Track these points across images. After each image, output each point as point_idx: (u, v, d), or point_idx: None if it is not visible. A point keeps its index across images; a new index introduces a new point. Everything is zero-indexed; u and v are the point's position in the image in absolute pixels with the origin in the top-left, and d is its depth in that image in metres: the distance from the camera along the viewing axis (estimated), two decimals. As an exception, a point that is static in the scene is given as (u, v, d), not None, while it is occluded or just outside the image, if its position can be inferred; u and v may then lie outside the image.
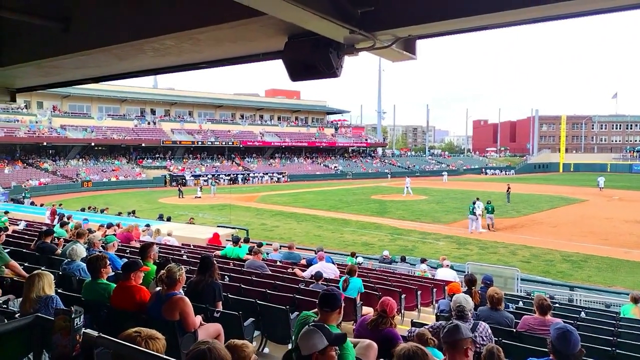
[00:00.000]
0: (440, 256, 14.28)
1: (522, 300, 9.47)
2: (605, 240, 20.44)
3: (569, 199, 36.56)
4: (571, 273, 15.54)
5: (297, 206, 33.15)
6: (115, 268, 6.46)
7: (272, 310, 5.49)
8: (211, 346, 2.03)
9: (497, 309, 5.48)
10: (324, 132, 77.15)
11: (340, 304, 3.45)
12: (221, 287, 5.21)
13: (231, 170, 59.27)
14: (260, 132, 68.69)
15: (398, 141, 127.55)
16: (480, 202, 23.56)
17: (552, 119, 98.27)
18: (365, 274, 10.21)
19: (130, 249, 9.97)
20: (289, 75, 4.03)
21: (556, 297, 11.67)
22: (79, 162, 51.74)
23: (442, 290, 9.93)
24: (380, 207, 32.60)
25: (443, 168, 73.19)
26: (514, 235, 21.78)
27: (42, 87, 7.33)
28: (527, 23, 3.60)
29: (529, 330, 5.22)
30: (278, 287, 7.19)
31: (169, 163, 57.43)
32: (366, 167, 71.11)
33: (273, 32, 3.79)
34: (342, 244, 19.80)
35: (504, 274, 13.09)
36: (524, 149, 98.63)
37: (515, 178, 63.95)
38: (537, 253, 18.26)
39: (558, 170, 79.74)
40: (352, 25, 3.42)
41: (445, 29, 3.61)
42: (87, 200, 33.71)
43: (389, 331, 4.01)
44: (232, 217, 25.78)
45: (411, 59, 4.17)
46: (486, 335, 4.23)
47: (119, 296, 4.58)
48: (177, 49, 4.44)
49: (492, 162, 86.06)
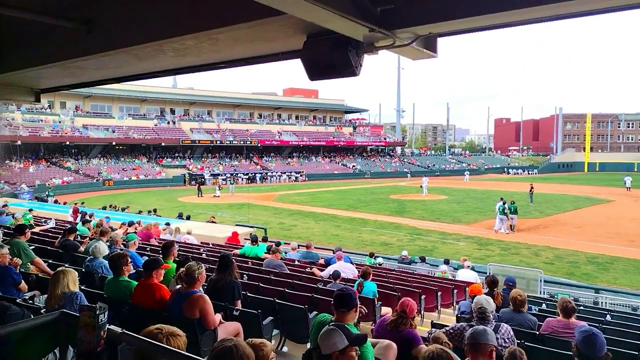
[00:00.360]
0: (461, 257, 14.10)
1: (545, 302, 9.30)
2: (633, 242, 19.91)
3: (594, 199, 35.73)
4: (596, 275, 15.18)
5: (315, 205, 33.17)
6: (136, 266, 6.55)
7: (291, 310, 5.49)
8: (236, 343, 2.04)
9: (520, 311, 5.38)
10: (342, 131, 77.04)
11: (356, 303, 3.43)
12: (240, 286, 5.24)
13: (249, 169, 59.67)
14: (278, 131, 68.96)
15: (417, 140, 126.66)
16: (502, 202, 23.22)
17: (576, 117, 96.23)
18: (384, 275, 10.16)
19: (150, 247, 10.12)
20: (308, 74, 4.02)
21: (581, 299, 11.42)
22: (101, 161, 52.79)
23: (463, 291, 9.80)
24: (399, 206, 32.39)
25: (463, 167, 72.28)
26: (537, 236, 21.38)
27: (65, 87, 7.49)
28: (552, 20, 3.53)
29: (552, 333, 5.11)
30: (296, 286, 7.20)
31: (188, 162, 58.13)
32: (385, 167, 70.75)
33: (292, 31, 3.78)
34: (361, 244, 19.73)
35: (527, 276, 12.86)
36: (547, 148, 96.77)
37: (538, 178, 62.80)
38: (561, 254, 17.90)
39: (583, 170, 78.02)
40: (372, 24, 3.39)
41: (467, 26, 3.55)
42: (109, 198, 34.34)
43: (409, 332, 3.97)
44: (250, 216, 25.94)
45: (432, 57, 4.12)
46: (508, 338, 4.16)
47: (140, 294, 4.64)
48: (197, 49, 4.48)
49: (515, 162, 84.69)
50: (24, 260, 6.36)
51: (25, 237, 7.00)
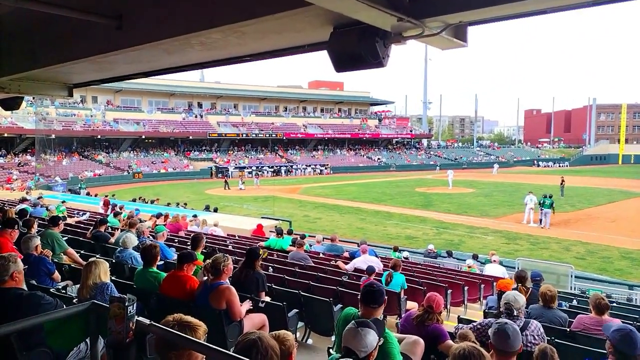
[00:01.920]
0: (489, 251, 13.85)
1: (576, 298, 9.05)
2: (669, 237, 19.19)
3: (629, 192, 34.54)
4: (630, 271, 14.70)
5: (340, 198, 33.14)
6: (165, 257, 6.67)
7: (316, 302, 5.50)
8: (260, 336, 2.07)
9: (550, 307, 5.25)
10: (367, 124, 76.55)
11: (385, 299, 3.40)
12: (265, 278, 5.28)
13: (274, 162, 60.01)
14: (303, 124, 69.03)
15: (444, 132, 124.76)
16: (532, 195, 22.62)
17: (611, 108, 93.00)
18: (410, 269, 10.08)
19: (178, 239, 10.31)
20: (334, 65, 3.97)
21: (613, 296, 11.09)
22: (131, 154, 53.99)
23: (491, 286, 9.64)
24: (425, 200, 32.05)
25: (492, 160, 70.90)
26: (567, 231, 20.83)
27: (96, 82, 7.67)
28: (587, 6, 3.37)
29: (584, 330, 4.96)
30: (321, 279, 7.21)
31: (215, 155, 58.87)
32: (410, 159, 70.03)
33: (319, 22, 3.75)
34: (386, 237, 19.62)
35: (557, 271, 12.55)
36: (579, 140, 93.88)
37: (569, 170, 61.02)
38: (593, 249, 17.39)
39: (617, 162, 75.48)
40: (401, 13, 3.31)
41: (499, 13, 3.44)
42: (138, 191, 35.13)
43: (436, 327, 3.92)
44: (275, 209, 26.12)
45: (461, 46, 4.01)
46: (538, 334, 4.05)
47: (169, 284, 4.72)
48: (223, 42, 4.50)
49: (545, 154, 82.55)
50: (57, 251, 6.56)
51: (59, 228, 7.22)
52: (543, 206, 21.64)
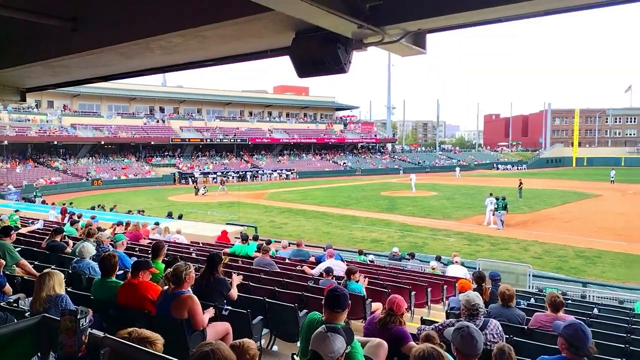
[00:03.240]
0: (452, 253, 14.18)
1: (534, 297, 9.37)
2: (620, 236, 20.16)
3: (582, 193, 36.13)
4: (584, 269, 15.35)
5: (306, 203, 33.14)
6: (124, 266, 6.48)
7: (281, 308, 5.47)
8: (215, 347, 2.01)
9: (509, 306, 5.41)
10: (332, 128, 77.00)
11: (349, 303, 3.41)
12: (226, 282, 5.21)
13: (240, 167, 59.43)
14: (269, 129, 68.75)
15: (408, 137, 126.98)
16: (492, 197, 23.34)
17: (565, 113, 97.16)
18: (375, 272, 10.17)
19: (139, 247, 10.03)
20: (297, 71, 3.99)
21: (569, 293, 11.54)
22: (89, 161, 52.24)
23: (453, 287, 9.85)
24: (390, 203, 32.48)
25: (454, 163, 72.64)
26: (525, 231, 21.57)
27: (51, 86, 7.39)
28: (540, 15, 3.52)
29: (541, 327, 5.15)
30: (287, 284, 7.18)
31: (178, 161, 57.75)
32: (375, 163, 70.86)
33: (280, 28, 3.75)
34: (352, 241, 19.75)
35: (516, 271, 12.96)
36: (536, 144, 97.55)
37: (527, 173, 63.35)
38: (549, 249, 18.07)
39: (571, 165, 78.80)
40: (361, 20, 3.36)
41: (457, 22, 3.55)
42: (98, 198, 34.01)
43: (398, 329, 3.97)
44: (240, 215, 25.86)
45: (421, 53, 4.10)
46: (497, 333, 4.17)
47: (126, 294, 4.59)
48: (184, 46, 4.43)
49: (504, 157, 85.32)
50: (9, 263, 6.26)
51: (11, 238, 6.88)
52: (497, 208, 22.50)
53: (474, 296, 4.37)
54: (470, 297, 4.34)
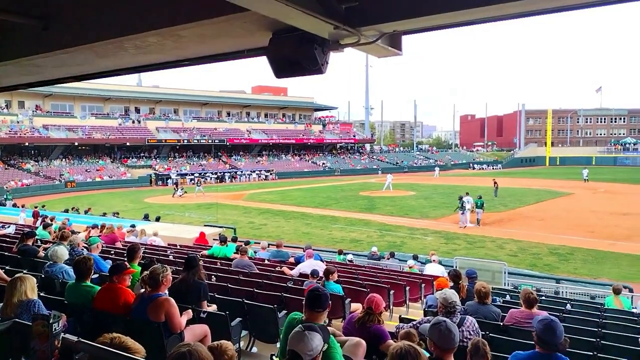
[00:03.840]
0: (429, 251, 14.35)
1: (510, 294, 9.55)
2: (591, 233, 20.75)
3: (555, 192, 37.04)
4: (558, 266, 15.74)
5: (285, 204, 33.08)
6: (99, 270, 6.36)
7: (260, 310, 5.45)
8: (192, 349, 2.00)
9: (484, 303, 5.52)
10: (311, 129, 77.06)
11: (330, 303, 3.43)
12: (206, 287, 5.16)
13: (218, 168, 58.93)
14: (247, 130, 68.37)
15: (386, 137, 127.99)
16: (469, 196, 23.75)
17: (538, 113, 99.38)
18: (354, 271, 10.22)
19: (115, 250, 9.85)
20: (274, 71, 3.98)
21: (543, 290, 11.80)
22: (62, 163, 51.00)
23: (431, 285, 9.97)
24: (369, 203, 32.68)
25: (431, 163, 73.57)
26: (501, 229, 21.99)
27: (23, 86, 7.17)
28: (513, 17, 3.59)
29: (515, 323, 5.26)
30: (266, 286, 7.15)
31: (155, 162, 56.89)
32: (354, 164, 71.20)
33: (257, 28, 3.73)
34: (331, 241, 19.80)
35: (492, 268, 13.20)
36: (510, 143, 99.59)
37: (502, 172, 64.59)
38: (524, 246, 18.46)
39: (544, 164, 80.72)
40: (337, 21, 3.38)
41: (431, 23, 3.59)
42: (71, 201, 33.25)
43: (377, 328, 4.01)
44: (219, 216, 25.63)
45: (397, 54, 4.15)
46: (473, 330, 4.25)
47: (103, 298, 4.51)
48: (160, 46, 4.37)
49: (480, 157, 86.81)
50: (-21, 267, 6.07)
51: (-20, 242, 6.68)
52: (477, 207, 23.18)
53: (451, 294, 4.44)
54: (447, 295, 4.41)
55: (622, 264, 15.78)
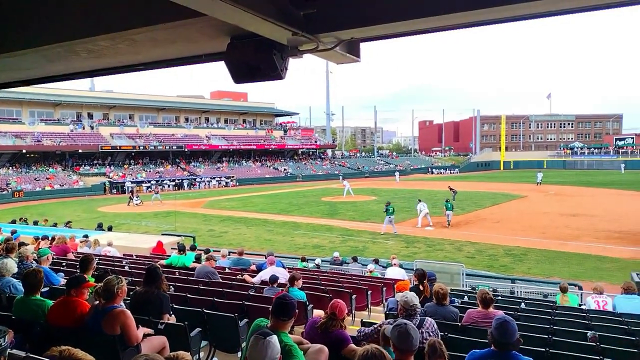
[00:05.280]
0: (391, 255, 14.55)
1: (467, 294, 9.79)
2: (543, 234, 21.64)
3: (509, 195, 38.45)
4: (513, 266, 16.29)
5: (247, 210, 32.74)
6: (50, 283, 6.07)
7: (220, 319, 5.35)
8: (149, 359, 1.94)
9: (443, 304, 5.64)
10: (272, 135, 76.80)
11: (296, 311, 3.43)
12: (169, 299, 5.03)
13: (176, 175, 57.64)
14: (207, 136, 67.32)
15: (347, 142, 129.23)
16: (423, 203, 24.44)
17: (492, 119, 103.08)
18: (316, 277, 10.22)
19: (67, 262, 9.44)
20: (232, 77, 3.95)
21: (499, 290, 12.18)
22: (9, 171, 48.48)
23: (392, 288, 10.10)
24: (331, 208, 32.83)
25: (391, 169, 74.87)
26: (459, 232, 22.59)
27: (-37, 90, 6.80)
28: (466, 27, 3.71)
29: (473, 323, 5.40)
30: (226, 294, 7.03)
31: (109, 169, 55.00)
32: (316, 169, 71.43)
33: (214, 33, 3.69)
34: (293, 248, 19.74)
35: (451, 270, 13.52)
36: (467, 148, 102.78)
37: (459, 176, 66.59)
38: (481, 248, 19.03)
39: (499, 168, 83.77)
40: (295, 28, 3.39)
41: (388, 31, 3.66)
42: (19, 211, 31.63)
43: (339, 333, 4.02)
44: (177, 225, 25.04)
45: (355, 61, 4.20)
46: (432, 331, 4.33)
47: (58, 312, 4.31)
48: (113, 50, 4.24)
49: (438, 162, 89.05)
50: None
51: None
52: (447, 209, 24.53)
53: (411, 296, 4.51)
54: (408, 298, 4.48)
55: (572, 263, 16.53)
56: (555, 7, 3.21)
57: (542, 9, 3.25)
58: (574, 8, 3.31)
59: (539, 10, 3.31)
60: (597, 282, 10.19)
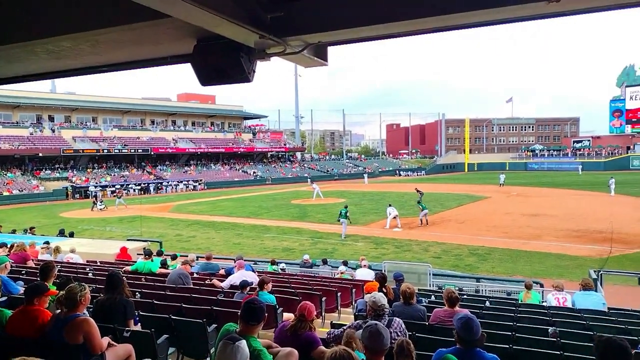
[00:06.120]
0: (360, 257, 14.66)
1: (434, 294, 9.98)
2: (506, 233, 22.28)
3: (474, 196, 39.40)
4: (477, 265, 16.70)
5: (215, 214, 32.32)
6: (9, 292, 5.84)
7: (188, 325, 5.27)
8: None
9: (410, 303, 5.74)
10: (241, 138, 76.16)
11: (265, 315, 3.42)
12: (133, 305, 4.91)
13: (142, 179, 56.31)
14: (173, 139, 66.13)
15: (316, 145, 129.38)
16: (392, 207, 24.97)
17: (457, 122, 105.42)
18: (286, 280, 10.20)
19: (27, 270, 9.08)
20: (199, 79, 3.92)
21: (464, 289, 12.46)
22: (-36, 176, 46.28)
23: (361, 290, 10.18)
24: (301, 211, 32.80)
25: (360, 171, 75.46)
26: (426, 233, 22.98)
27: None
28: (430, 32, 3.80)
29: (440, 322, 5.52)
30: (194, 299, 6.92)
31: (71, 174, 53.18)
32: (285, 172, 71.25)
33: (180, 35, 3.65)
34: (263, 251, 19.62)
35: (418, 270, 13.74)
36: (433, 151, 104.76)
37: (426, 178, 67.82)
38: (447, 248, 19.42)
39: (464, 170, 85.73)
40: (263, 31, 3.39)
41: (354, 36, 3.71)
42: (-25, 217, 30.16)
43: (308, 335, 4.03)
44: (143, 230, 24.48)
45: (322, 64, 4.24)
46: (400, 331, 4.40)
47: (18, 322, 4.15)
48: (75, 51, 4.14)
49: (405, 164, 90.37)
50: None
51: None
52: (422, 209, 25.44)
53: (380, 297, 4.57)
54: (376, 298, 4.53)
55: (534, 261, 17.07)
56: (491, 18, 3.33)
57: (486, 18, 3.34)
58: (507, 18, 3.42)
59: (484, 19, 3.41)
60: (557, 280, 10.56)
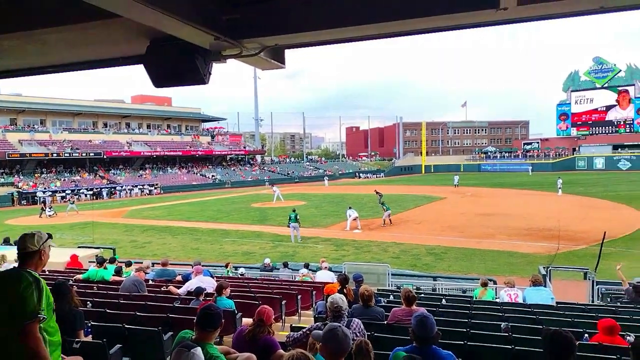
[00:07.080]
0: (320, 259, 14.69)
1: (393, 294, 10.15)
2: (461, 233, 22.96)
3: (430, 197, 40.38)
4: (434, 265, 17.11)
5: (172, 219, 31.57)
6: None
7: (143, 333, 5.11)
8: None
9: (369, 306, 5.81)
10: (199, 140, 74.79)
11: (222, 322, 3.36)
12: (82, 314, 4.71)
13: (94, 184, 54.26)
14: (127, 142, 64.10)
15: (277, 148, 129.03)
16: (353, 210, 25.20)
17: (414, 125, 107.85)
18: (245, 285, 10.09)
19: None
20: (152, 81, 3.82)
21: (422, 287, 12.74)
22: None
23: (321, 292, 10.21)
24: (261, 215, 32.55)
25: (320, 174, 75.73)
26: (385, 234, 23.34)
27: None
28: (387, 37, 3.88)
29: (398, 321, 5.61)
30: (149, 307, 6.73)
31: (17, 179, 50.55)
32: (245, 175, 70.53)
33: (132, 35, 3.55)
34: (222, 256, 19.31)
35: (377, 271, 13.93)
36: (391, 153, 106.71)
37: (385, 180, 68.91)
38: (405, 249, 19.79)
39: (421, 172, 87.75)
40: (218, 32, 3.35)
41: (311, 39, 3.73)
42: None
43: (267, 339, 4.00)
44: (95, 236, 23.58)
45: (280, 67, 4.23)
46: (360, 331, 4.44)
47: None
48: (20, 50, 3.95)
49: (364, 166, 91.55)
50: None
51: None
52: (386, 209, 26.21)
53: (338, 299, 4.59)
54: (334, 300, 4.55)
55: (487, 259, 17.68)
56: (444, 24, 3.45)
57: (442, 23, 3.45)
58: (460, 24, 3.54)
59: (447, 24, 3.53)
60: (508, 277, 10.97)
